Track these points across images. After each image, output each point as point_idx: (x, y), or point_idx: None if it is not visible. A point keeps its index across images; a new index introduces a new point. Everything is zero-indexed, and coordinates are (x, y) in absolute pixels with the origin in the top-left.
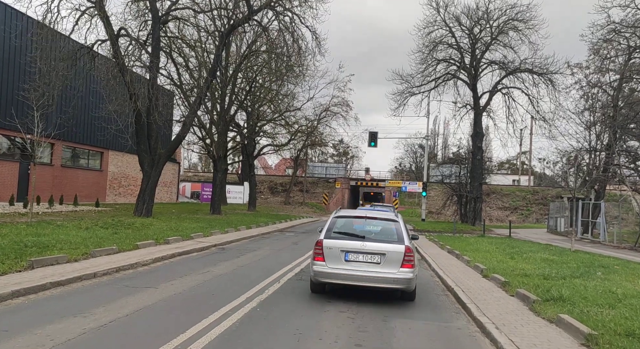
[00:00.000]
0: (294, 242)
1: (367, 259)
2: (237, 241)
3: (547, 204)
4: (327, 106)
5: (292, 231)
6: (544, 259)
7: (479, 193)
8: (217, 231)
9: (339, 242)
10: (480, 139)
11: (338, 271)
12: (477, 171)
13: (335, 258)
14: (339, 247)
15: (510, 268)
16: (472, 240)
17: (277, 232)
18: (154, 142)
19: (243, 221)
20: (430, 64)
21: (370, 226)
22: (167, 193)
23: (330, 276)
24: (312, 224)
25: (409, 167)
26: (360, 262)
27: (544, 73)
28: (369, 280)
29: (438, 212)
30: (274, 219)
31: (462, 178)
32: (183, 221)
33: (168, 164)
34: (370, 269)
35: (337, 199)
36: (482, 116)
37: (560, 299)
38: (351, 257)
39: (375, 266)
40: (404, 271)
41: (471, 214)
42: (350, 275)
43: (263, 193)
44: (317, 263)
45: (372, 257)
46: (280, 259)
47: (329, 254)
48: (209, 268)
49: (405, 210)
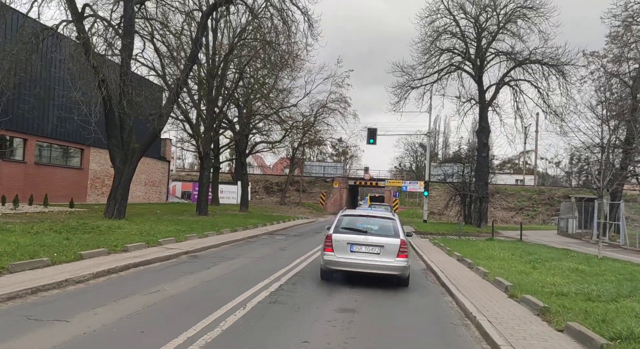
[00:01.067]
0: (281, 247)
1: (368, 250)
2: (215, 246)
3: (553, 204)
4: (324, 102)
5: (284, 233)
6: (573, 269)
7: (485, 193)
8: (194, 235)
9: (346, 236)
10: (486, 135)
11: (345, 260)
12: (483, 169)
13: (343, 249)
14: (346, 241)
15: (538, 282)
16: (482, 244)
17: (266, 235)
18: (127, 135)
19: (230, 222)
20: (433, 54)
21: (371, 223)
22: (155, 193)
23: (338, 264)
24: (307, 226)
25: (409, 166)
26: (363, 252)
27: (555, 64)
28: (370, 267)
29: (440, 212)
30: (265, 221)
31: (465, 177)
32: (160, 224)
33: (156, 162)
34: (371, 259)
35: (335, 199)
36: (487, 111)
37: (632, 338)
38: (355, 248)
39: (375, 255)
40: (399, 260)
41: (476, 215)
42: (355, 263)
43: (258, 193)
44: (328, 253)
45: (373, 249)
46: (259, 270)
47: (337, 246)
48: (164, 284)
49: (405, 210)
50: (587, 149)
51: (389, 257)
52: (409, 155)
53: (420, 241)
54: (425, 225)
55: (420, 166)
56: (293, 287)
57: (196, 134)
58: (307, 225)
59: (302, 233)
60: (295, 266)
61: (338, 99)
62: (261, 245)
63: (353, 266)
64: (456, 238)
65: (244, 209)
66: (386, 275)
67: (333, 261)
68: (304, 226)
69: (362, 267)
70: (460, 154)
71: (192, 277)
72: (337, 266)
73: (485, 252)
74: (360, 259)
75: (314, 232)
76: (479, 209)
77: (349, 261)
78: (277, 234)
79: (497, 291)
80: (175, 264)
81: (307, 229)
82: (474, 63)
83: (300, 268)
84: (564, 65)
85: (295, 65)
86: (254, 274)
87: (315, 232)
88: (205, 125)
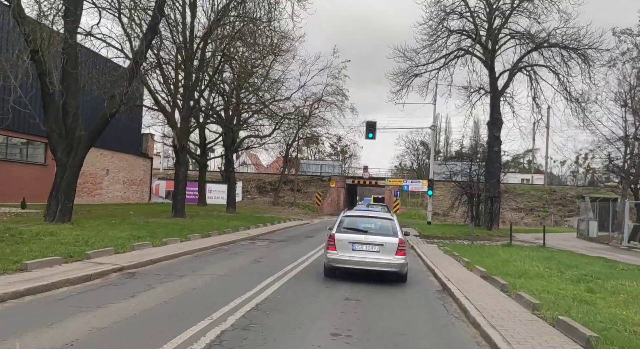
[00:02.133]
0: (257, 258)
1: (369, 249)
2: (170, 258)
3: (566, 205)
4: (320, 95)
5: (268, 238)
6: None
7: (497, 192)
8: (147, 244)
9: (347, 236)
10: (498, 127)
11: (347, 257)
12: (494, 165)
13: (345, 248)
14: (347, 240)
15: (620, 320)
16: (502, 253)
17: (246, 240)
18: (72, 121)
19: (206, 225)
20: (440, 36)
21: (371, 223)
22: (136, 193)
23: (340, 261)
24: (298, 229)
25: (410, 165)
26: (364, 251)
27: (576, 48)
28: (371, 264)
29: (445, 213)
30: (250, 223)
31: (472, 175)
32: (114, 228)
33: (137, 159)
34: (372, 256)
35: (332, 200)
36: (500, 100)
37: None
38: (357, 247)
39: (375, 253)
40: (398, 257)
41: (487, 217)
42: (356, 261)
43: (250, 193)
44: (330, 251)
45: (373, 247)
46: (211, 295)
47: (340, 244)
48: (26, 335)
49: (407, 211)
50: (616, 141)
51: (388, 255)
52: (410, 154)
53: (428, 248)
54: (430, 227)
55: (422, 164)
56: (243, 333)
57: (171, 125)
58: (299, 228)
59: (290, 238)
60: (262, 290)
61: (335, 92)
62: (232, 255)
63: (355, 264)
64: (468, 244)
65: (231, 210)
66: (386, 272)
67: (336, 258)
68: (295, 228)
69: (363, 264)
70: (466, 150)
71: (93, 315)
72: (340, 263)
73: (513, 266)
74: (362, 256)
75: (304, 236)
76: (490, 210)
77: (351, 258)
78: (259, 239)
79: (563, 339)
80: (91, 289)
81: (297, 233)
82: (485, 47)
83: (269, 293)
84: (587, 48)
85: (283, 45)
86: (196, 305)
87: (305, 236)
88: (181, 114)
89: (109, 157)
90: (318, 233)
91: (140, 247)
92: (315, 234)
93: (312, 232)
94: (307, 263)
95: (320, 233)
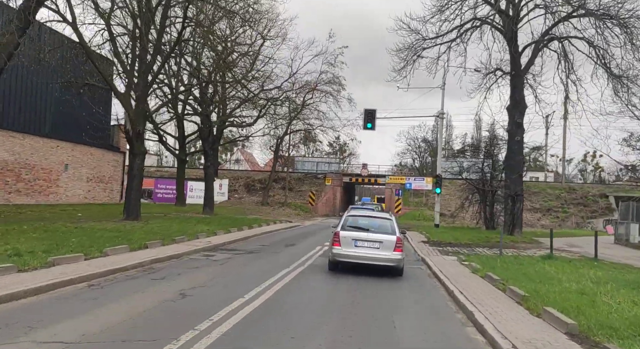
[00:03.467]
0: (189, 288)
1: (370, 245)
2: (31, 294)
3: (588, 204)
4: (314, 84)
5: (234, 249)
6: None
7: (520, 189)
8: (11, 268)
9: (351, 233)
10: (520, 111)
11: (350, 253)
12: (516, 157)
13: (348, 244)
14: (351, 237)
15: None
16: (553, 269)
17: (201, 253)
18: None
19: (155, 232)
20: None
21: (372, 222)
22: (104, 191)
23: (344, 256)
24: (282, 234)
25: (411, 163)
26: (365, 247)
27: (616, 16)
28: (371, 259)
29: (452, 215)
30: (223, 227)
31: (486, 170)
32: (22, 236)
33: (106, 153)
34: (372, 252)
35: (328, 199)
36: (522, 80)
37: None
38: (359, 243)
39: (375, 249)
40: (395, 253)
41: (507, 219)
42: (358, 256)
43: (238, 191)
44: (335, 247)
45: (373, 244)
46: None
47: (344, 241)
48: None
49: (410, 212)
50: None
51: (387, 251)
52: (412, 151)
53: (446, 262)
54: (438, 231)
55: (424, 162)
56: None
57: (124, 105)
58: (283, 232)
59: (264, 248)
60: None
61: (330, 81)
62: (154, 282)
63: (357, 258)
64: (493, 254)
65: (207, 211)
66: (384, 266)
67: (340, 253)
68: (278, 233)
69: (364, 259)
70: (477, 142)
71: None
72: (344, 258)
73: (603, 303)
74: (363, 252)
75: (283, 244)
76: (511, 211)
77: (354, 253)
78: (221, 251)
79: None
80: None
81: (276, 240)
82: (506, 14)
83: None
84: (628, 18)
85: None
86: None
87: (286, 244)
88: (136, 94)
89: (68, 150)
90: (304, 240)
91: (21, 272)
92: (299, 242)
93: (297, 238)
94: (268, 294)
95: (307, 240)
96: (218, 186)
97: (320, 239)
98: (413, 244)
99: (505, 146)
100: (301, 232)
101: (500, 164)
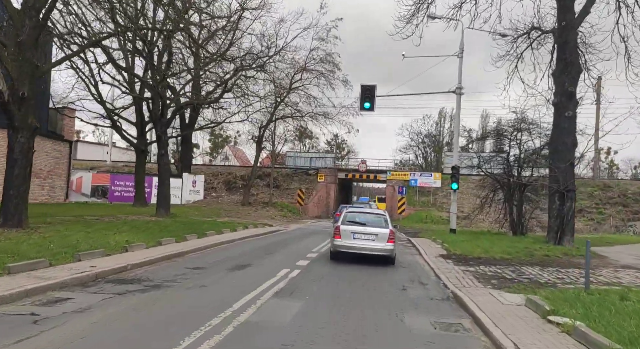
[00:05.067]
0: None
1: (366, 237)
2: None
3: (628, 204)
4: (303, 62)
5: (137, 279)
6: None
7: (571, 183)
8: None
9: (350, 227)
10: (573, 77)
11: (349, 244)
12: (566, 139)
13: (348, 236)
14: (350, 230)
15: None
16: None
17: (78, 288)
18: None
19: (23, 251)
20: None
21: (368, 218)
22: (41, 189)
23: (344, 247)
24: (247, 244)
25: (413, 160)
26: (362, 239)
27: None
28: (368, 250)
29: (466, 216)
30: (163, 235)
31: (511, 162)
32: None
33: (46, 142)
34: (368, 243)
35: (320, 198)
36: (576, 34)
37: None
38: (357, 236)
39: (371, 241)
40: (389, 244)
41: (554, 224)
42: (356, 247)
43: (216, 189)
44: (336, 239)
45: (369, 236)
46: None
47: (344, 234)
48: None
49: (415, 213)
50: None
51: (381, 242)
52: (414, 147)
53: (507, 312)
54: (458, 239)
55: (429, 160)
56: None
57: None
58: (253, 241)
59: (195, 273)
60: None
61: (322, 59)
62: None
63: (355, 249)
64: (571, 283)
65: (161, 213)
66: (379, 256)
67: (341, 245)
68: (244, 243)
69: (361, 249)
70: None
71: None
72: (344, 248)
73: None
74: (361, 243)
75: (235, 264)
76: (559, 212)
77: (353, 245)
78: (107, 283)
79: None
80: None
81: (231, 255)
82: None
83: None
84: None
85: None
86: None
87: (238, 264)
88: (19, 39)
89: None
90: (272, 255)
91: None
92: (262, 258)
93: (262, 252)
94: None
95: (276, 255)
96: (191, 182)
97: (296, 253)
98: (429, 261)
99: (535, 131)
100: (276, 240)
101: (530, 152)
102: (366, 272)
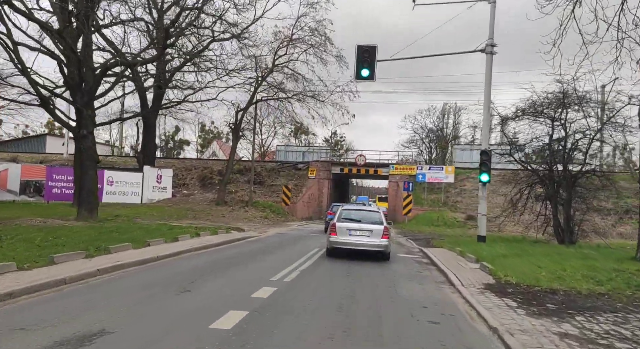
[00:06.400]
0: None
1: (362, 234)
2: None
3: None
4: (289, 32)
5: None
6: None
7: None
8: None
9: (345, 224)
10: None
11: (345, 240)
12: None
13: (343, 233)
14: (345, 227)
15: None
16: None
17: None
18: None
19: None
20: None
21: (363, 215)
22: None
23: (340, 243)
24: (200, 257)
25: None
26: (358, 235)
27: None
28: (363, 245)
29: (490, 219)
30: (48, 251)
31: (557, 150)
32: None
33: None
34: (363, 239)
35: (311, 196)
36: None
37: None
38: (352, 232)
39: (366, 237)
40: (383, 240)
41: None
42: (352, 243)
43: (189, 186)
44: (332, 236)
45: (364, 233)
46: None
47: (339, 231)
48: None
49: (423, 214)
50: None
51: (376, 238)
52: (418, 141)
53: None
54: (494, 252)
55: (433, 157)
56: None
57: None
58: (200, 255)
59: None
60: None
61: (313, 31)
62: None
63: (351, 245)
64: None
65: (83, 215)
66: (374, 251)
67: (337, 241)
68: (176, 261)
69: (357, 245)
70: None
71: None
72: (340, 245)
73: None
74: (356, 240)
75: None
76: None
77: (348, 241)
78: None
79: None
80: None
81: (144, 281)
82: None
83: None
84: None
85: None
86: None
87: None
88: None
89: None
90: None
91: None
92: (121, 326)
93: (136, 300)
94: None
95: (194, 293)
96: (155, 177)
97: (232, 291)
98: (475, 303)
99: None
100: (230, 255)
101: (582, 137)
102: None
